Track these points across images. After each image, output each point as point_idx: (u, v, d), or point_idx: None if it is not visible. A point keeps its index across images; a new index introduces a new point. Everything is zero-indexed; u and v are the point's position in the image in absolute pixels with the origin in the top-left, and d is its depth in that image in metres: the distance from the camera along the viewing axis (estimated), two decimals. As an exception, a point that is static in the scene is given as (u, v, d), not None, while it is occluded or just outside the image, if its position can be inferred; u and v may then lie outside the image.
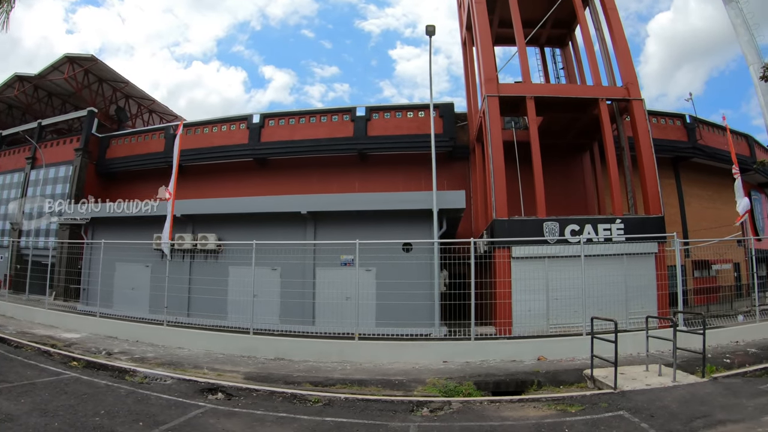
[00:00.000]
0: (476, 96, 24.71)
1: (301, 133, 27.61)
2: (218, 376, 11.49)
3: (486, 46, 21.51)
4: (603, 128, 20.51)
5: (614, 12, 22.13)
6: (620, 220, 18.97)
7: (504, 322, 16.38)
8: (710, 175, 31.21)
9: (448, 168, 26.03)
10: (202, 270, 18.99)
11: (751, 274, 17.40)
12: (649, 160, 20.23)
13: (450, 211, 18.08)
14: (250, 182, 27.68)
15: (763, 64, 19.94)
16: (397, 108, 27.60)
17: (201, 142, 29.00)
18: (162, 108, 43.27)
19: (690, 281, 22.71)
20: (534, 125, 20.32)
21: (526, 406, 9.39)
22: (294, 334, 15.25)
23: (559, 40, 28.76)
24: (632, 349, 13.62)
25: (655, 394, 9.76)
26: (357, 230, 16.92)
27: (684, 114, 30.55)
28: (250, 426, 7.96)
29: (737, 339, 15.23)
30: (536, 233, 18.16)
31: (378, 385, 11.04)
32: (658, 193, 19.98)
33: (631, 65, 21.57)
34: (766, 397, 9.23)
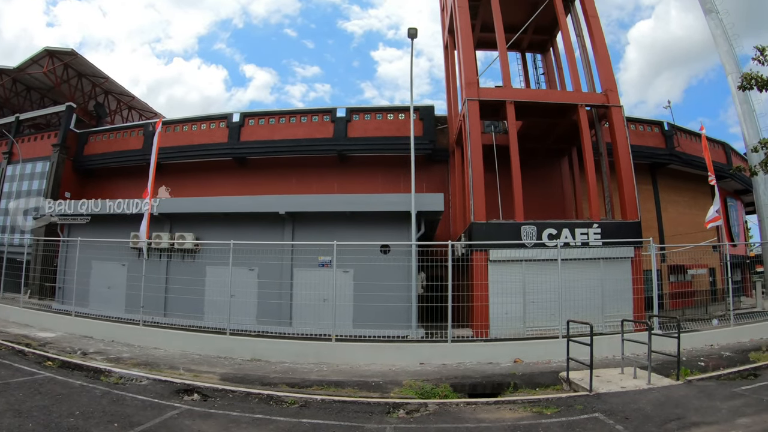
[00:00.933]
0: (457, 99, 24.84)
1: (281, 133, 27.53)
2: (194, 376, 11.41)
3: (467, 50, 21.61)
4: (582, 134, 20.71)
5: (595, 20, 22.36)
6: (597, 225, 19.15)
7: (481, 325, 16.43)
8: (687, 181, 31.63)
9: (427, 171, 26.16)
10: (180, 269, 18.82)
11: (726, 279, 17.66)
12: (626, 166, 20.45)
13: (428, 214, 18.15)
14: (229, 181, 27.54)
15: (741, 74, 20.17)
16: (377, 110, 27.61)
17: (180, 140, 28.80)
18: (141, 105, 42.92)
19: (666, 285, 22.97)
20: (513, 129, 20.47)
21: (502, 408, 9.39)
22: (271, 335, 15.16)
23: (540, 46, 29.01)
24: (608, 352, 13.71)
25: (630, 396, 9.81)
26: (335, 231, 16.89)
27: (662, 121, 30.94)
28: (226, 427, 7.88)
29: (712, 343, 15.42)
30: (514, 237, 18.28)
31: (355, 387, 11.02)
32: (635, 199, 20.20)
33: (611, 72, 21.81)
34: (739, 399, 9.34)
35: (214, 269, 17.12)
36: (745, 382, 11.01)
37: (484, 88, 21.36)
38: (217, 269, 16.68)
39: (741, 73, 20.55)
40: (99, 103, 38.19)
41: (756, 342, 15.21)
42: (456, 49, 23.89)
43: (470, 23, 22.51)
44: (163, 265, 19.19)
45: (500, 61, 21.52)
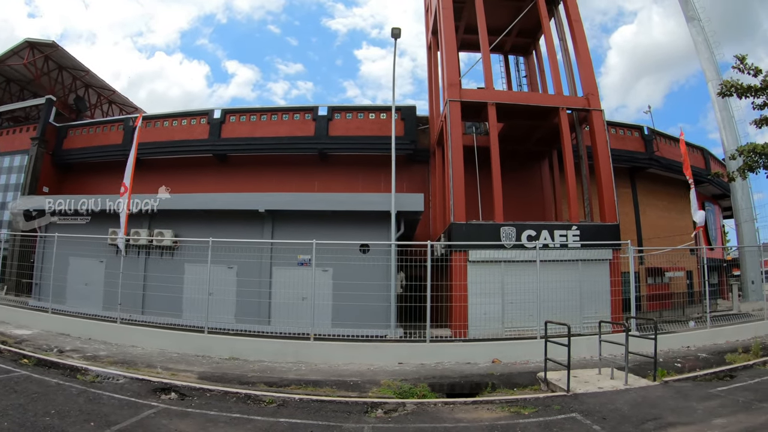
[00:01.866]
0: (439, 100, 24.87)
1: (263, 130, 27.39)
2: (172, 375, 11.32)
3: (450, 51, 21.67)
4: (562, 137, 20.86)
5: (579, 24, 22.52)
6: (576, 227, 19.30)
7: (460, 325, 16.47)
8: (666, 185, 31.99)
9: (408, 171, 26.16)
10: (158, 267, 18.65)
11: (703, 282, 17.82)
12: (606, 170, 20.62)
13: (408, 214, 18.18)
14: (209, 178, 27.30)
15: (721, 80, 20.43)
16: (359, 109, 27.60)
17: (160, 136, 28.53)
18: (122, 99, 42.48)
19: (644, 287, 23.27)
20: (494, 131, 20.55)
21: (480, 408, 9.43)
22: (249, 334, 15.04)
23: (523, 49, 29.18)
24: (586, 353, 13.79)
25: (608, 396, 9.91)
26: (315, 230, 16.85)
27: (642, 126, 31.27)
28: (203, 427, 7.84)
29: (688, 344, 15.60)
30: (493, 238, 18.37)
31: (333, 386, 11.00)
32: (614, 202, 20.38)
33: (593, 76, 21.97)
34: (715, 400, 9.45)
35: (193, 267, 16.96)
36: (721, 383, 11.13)
37: (466, 90, 21.45)
38: (195, 267, 16.52)
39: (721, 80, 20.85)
40: (79, 97, 37.76)
41: (732, 344, 15.36)
42: (439, 50, 23.92)
43: (454, 25, 22.57)
44: (142, 262, 18.98)
45: (483, 63, 21.62)
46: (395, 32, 18.62)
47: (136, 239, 18.70)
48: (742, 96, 18.22)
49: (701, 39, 29.84)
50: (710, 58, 29.55)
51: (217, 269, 15.79)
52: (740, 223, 28.76)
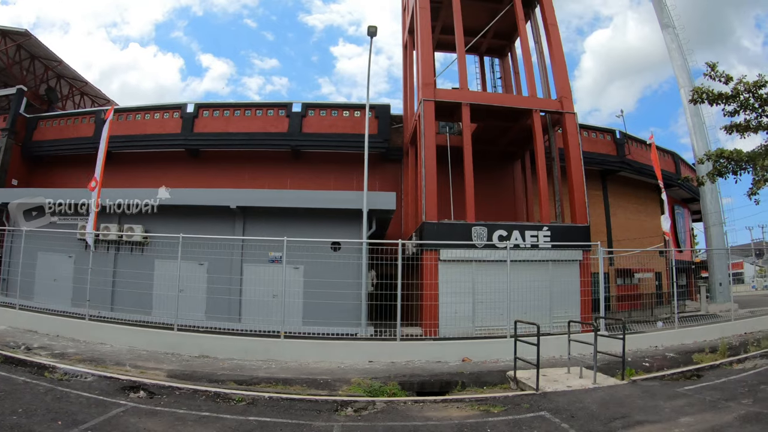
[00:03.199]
0: (413, 99, 24.89)
1: (236, 125, 27.10)
2: (141, 373, 11.20)
3: (426, 51, 21.72)
4: (535, 138, 21.05)
5: (554, 28, 22.75)
6: (547, 228, 19.49)
7: (430, 324, 16.52)
8: (636, 188, 32.44)
9: (380, 169, 26.21)
10: (128, 263, 18.34)
11: (672, 283, 18.10)
12: (578, 172, 20.85)
13: (380, 212, 18.28)
14: (181, 173, 26.96)
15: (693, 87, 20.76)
16: (333, 106, 27.48)
17: (132, 129, 28.11)
18: (94, 91, 41.85)
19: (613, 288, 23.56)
20: (468, 131, 20.61)
21: (450, 406, 9.49)
22: (219, 331, 14.89)
23: (498, 51, 29.35)
24: (555, 352, 13.91)
25: (576, 395, 10.01)
26: (287, 227, 16.83)
27: (614, 129, 31.65)
28: (172, 425, 7.77)
29: (656, 344, 15.83)
30: (465, 237, 18.48)
31: (303, 385, 10.98)
32: (585, 204, 20.61)
33: (567, 79, 22.18)
34: (682, 399, 9.60)
35: (163, 263, 16.79)
36: (688, 382, 11.34)
37: (440, 90, 21.54)
38: (165, 263, 16.35)
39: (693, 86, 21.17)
40: (51, 88, 37.14)
41: (699, 344, 15.61)
42: (415, 50, 23.97)
43: (431, 24, 22.59)
44: (111, 258, 18.66)
45: (458, 64, 21.73)
46: (371, 30, 18.64)
47: (106, 234, 18.42)
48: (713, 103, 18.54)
49: (675, 46, 30.33)
50: (683, 65, 30.05)
51: (187, 266, 15.64)
52: (709, 226, 29.27)
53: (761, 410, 8.40)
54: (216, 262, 17.08)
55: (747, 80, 17.88)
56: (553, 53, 22.46)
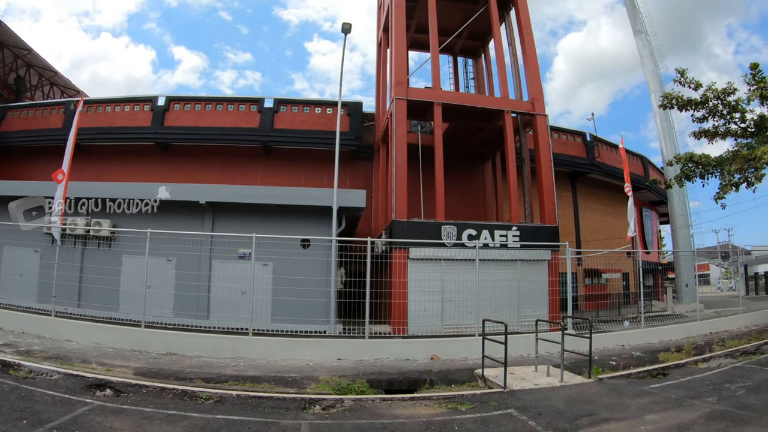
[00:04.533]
0: (386, 97, 24.90)
1: (207, 120, 26.79)
2: (107, 371, 11.03)
3: (400, 49, 21.77)
4: (506, 139, 21.25)
5: (528, 30, 22.99)
6: (516, 228, 19.71)
7: (399, 322, 16.62)
8: (605, 190, 32.87)
9: (351, 167, 26.25)
10: (95, 258, 17.97)
11: (639, 284, 18.39)
12: (547, 173, 21.09)
13: (350, 210, 18.26)
14: (151, 167, 26.59)
15: (663, 93, 21.11)
16: (305, 102, 27.29)
17: (102, 121, 27.65)
18: (64, 81, 41.20)
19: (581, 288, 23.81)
20: (439, 131, 20.75)
21: (418, 404, 9.48)
22: (187, 329, 14.74)
23: (472, 51, 29.57)
24: (523, 351, 14.02)
25: (543, 393, 10.06)
26: (256, 223, 16.66)
27: (585, 132, 32.10)
28: (139, 424, 7.63)
29: (623, 343, 16.05)
30: (434, 236, 18.61)
31: (271, 382, 10.90)
32: (554, 204, 20.86)
33: (539, 81, 22.47)
34: (648, 397, 9.71)
35: (131, 258, 16.34)
36: (654, 380, 11.46)
37: (413, 88, 21.60)
38: (133, 259, 15.94)
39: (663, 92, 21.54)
40: (20, 77, 36.46)
41: (665, 343, 15.91)
42: (389, 48, 23.98)
43: (405, 23, 22.72)
44: (78, 253, 18.29)
45: (431, 63, 21.83)
46: (346, 27, 18.61)
47: (73, 229, 18.13)
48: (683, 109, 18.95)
49: (647, 52, 30.72)
50: (654, 70, 30.45)
51: (155, 261, 15.39)
52: (676, 228, 29.69)
53: (726, 408, 8.53)
54: (184, 258, 16.78)
55: (716, 87, 18.31)
56: (527, 55, 22.70)
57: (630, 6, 31.88)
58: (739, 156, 18.07)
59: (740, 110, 18.43)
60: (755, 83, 18.09)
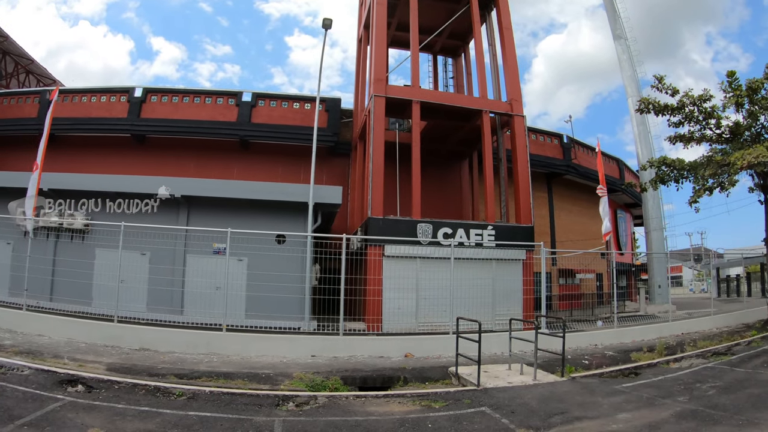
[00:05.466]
0: (365, 94, 24.87)
1: (184, 112, 26.47)
2: (79, 366, 10.89)
3: (380, 47, 21.77)
4: (484, 139, 21.39)
5: (509, 32, 23.15)
6: (492, 227, 19.85)
7: (374, 319, 16.71)
8: (581, 192, 33.14)
9: (328, 163, 26.15)
10: (68, 251, 17.59)
11: (612, 284, 18.59)
12: (524, 173, 21.27)
13: (326, 206, 18.29)
14: (127, 160, 26.18)
15: (640, 97, 21.40)
16: (284, 97, 27.17)
17: (78, 112, 27.22)
18: (41, 70, 40.60)
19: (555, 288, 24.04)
20: (417, 129, 20.84)
21: (392, 401, 9.53)
22: (161, 324, 14.62)
23: (452, 51, 29.70)
24: (497, 349, 14.11)
25: (517, 391, 10.17)
26: (232, 218, 16.67)
27: (562, 134, 32.37)
28: (111, 421, 7.55)
29: (596, 342, 16.28)
30: (410, 234, 18.64)
31: (245, 379, 10.85)
32: (530, 205, 21.04)
33: (518, 82, 22.65)
34: (620, 396, 9.86)
35: (104, 252, 16.20)
36: (626, 379, 11.65)
37: (392, 86, 21.58)
38: (107, 252, 15.78)
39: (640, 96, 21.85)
40: (-5, 64, 36.08)
41: (638, 343, 16.17)
42: (369, 45, 23.96)
43: (386, 20, 22.74)
44: (51, 246, 17.94)
45: (411, 61, 21.88)
46: (326, 23, 18.55)
47: (46, 221, 17.89)
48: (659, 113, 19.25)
49: (626, 57, 31.14)
50: (632, 75, 30.87)
51: (129, 255, 15.27)
52: (650, 231, 30.11)
53: (697, 407, 8.68)
54: (159, 253, 16.72)
55: (693, 93, 18.64)
56: (506, 56, 22.83)
57: (610, 11, 32.25)
58: (713, 161, 18.41)
59: (716, 116, 18.84)
60: (731, 91, 18.50)
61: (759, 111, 18.46)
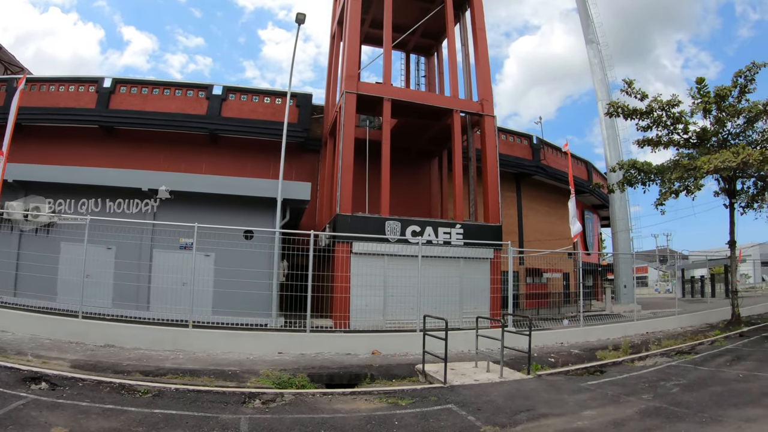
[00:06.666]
0: (336, 90, 24.87)
1: (154, 104, 26.10)
2: (43, 363, 10.70)
3: (353, 43, 21.83)
4: (454, 138, 21.58)
5: (482, 32, 23.37)
6: (460, 226, 20.02)
7: (341, 316, 16.74)
8: (549, 192, 33.57)
9: (298, 159, 26.07)
10: (33, 245, 17.22)
11: (578, 284, 18.81)
12: (493, 173, 21.47)
13: (295, 202, 18.25)
14: (95, 152, 25.71)
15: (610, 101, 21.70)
16: (254, 91, 26.97)
17: (46, 101, 26.68)
18: (8, 57, 39.67)
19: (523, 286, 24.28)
20: (388, 126, 20.96)
21: (358, 398, 9.48)
22: (126, 320, 14.39)
23: (425, 49, 29.89)
24: (464, 347, 14.25)
25: (483, 389, 10.19)
26: (200, 213, 16.42)
27: (531, 135, 32.79)
28: (75, 419, 7.41)
29: (562, 341, 16.46)
30: (378, 231, 18.81)
31: (211, 376, 10.74)
32: (499, 204, 21.26)
33: (489, 83, 22.90)
34: (586, 393, 9.96)
35: (70, 246, 15.91)
36: (591, 377, 11.77)
37: (364, 83, 21.65)
38: (72, 246, 15.51)
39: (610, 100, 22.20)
40: (-40, 50, 35.28)
41: (603, 341, 16.40)
42: (342, 41, 23.93)
43: (360, 17, 22.81)
44: (15, 239, 17.54)
45: (384, 59, 21.94)
46: (300, 17, 18.49)
47: (10, 213, 17.51)
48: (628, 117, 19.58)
49: (597, 61, 31.57)
50: (603, 79, 31.32)
51: (94, 249, 14.99)
52: (616, 232, 30.58)
53: (660, 405, 8.82)
54: (125, 247, 16.37)
55: (661, 99, 18.98)
56: (479, 57, 23.02)
57: (584, 15, 32.64)
58: (679, 165, 18.79)
59: (684, 122, 19.23)
60: (700, 97, 18.91)
61: (726, 118, 18.95)
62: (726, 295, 29.10)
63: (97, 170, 19.10)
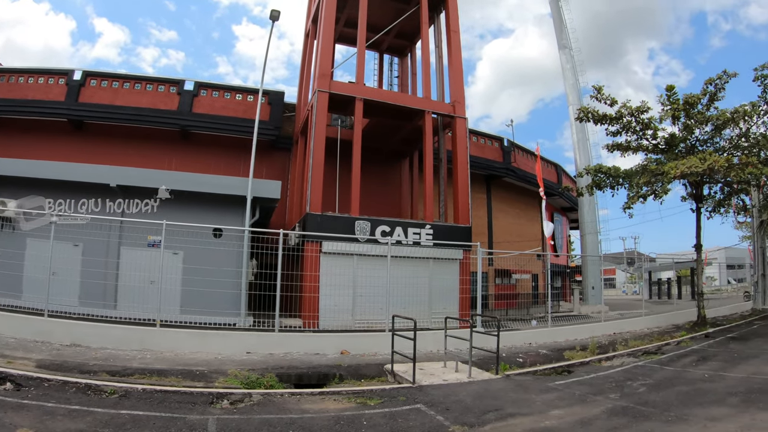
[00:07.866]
0: (308, 89, 24.74)
1: (124, 99, 25.55)
2: (8, 363, 10.48)
3: (327, 42, 21.83)
4: (425, 139, 21.71)
5: (456, 35, 23.59)
6: (430, 226, 20.16)
7: (310, 315, 16.75)
8: (519, 195, 33.95)
9: (269, 157, 25.88)
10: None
11: (547, 285, 19.06)
12: (463, 174, 21.65)
13: (265, 200, 18.19)
14: (64, 146, 25.14)
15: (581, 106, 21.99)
16: (226, 88, 26.75)
17: (13, 93, 26.05)
18: (-27, 48, 39.15)
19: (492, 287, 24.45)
20: (359, 126, 21.00)
21: (327, 399, 9.50)
22: (93, 319, 14.12)
23: (399, 50, 30.03)
24: (433, 347, 14.34)
25: (451, 388, 10.29)
26: (168, 210, 16.38)
27: (502, 137, 33.13)
28: (40, 420, 7.29)
29: (530, 341, 16.63)
30: (348, 231, 18.84)
31: (178, 376, 10.66)
32: (468, 205, 21.44)
33: (462, 85, 23.16)
34: (553, 393, 10.09)
35: (36, 242, 15.66)
36: (559, 377, 11.95)
37: (336, 82, 21.67)
38: (38, 242, 15.26)
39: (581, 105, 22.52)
40: None
41: (571, 342, 16.65)
42: (316, 39, 23.88)
43: (335, 16, 22.74)
44: None
45: (357, 58, 22.02)
46: (274, 14, 18.46)
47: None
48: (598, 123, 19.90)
49: (569, 66, 32.04)
50: (575, 84, 31.81)
51: (61, 246, 14.75)
52: (585, 234, 31.00)
53: (627, 404, 8.98)
54: (92, 244, 16.10)
55: (631, 105, 19.34)
56: (452, 59, 23.24)
57: (557, 21, 33.08)
58: (647, 170, 19.13)
59: (653, 128, 19.62)
60: (670, 104, 19.28)
61: (694, 125, 19.44)
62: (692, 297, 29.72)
63: (61, 165, 18.68)
